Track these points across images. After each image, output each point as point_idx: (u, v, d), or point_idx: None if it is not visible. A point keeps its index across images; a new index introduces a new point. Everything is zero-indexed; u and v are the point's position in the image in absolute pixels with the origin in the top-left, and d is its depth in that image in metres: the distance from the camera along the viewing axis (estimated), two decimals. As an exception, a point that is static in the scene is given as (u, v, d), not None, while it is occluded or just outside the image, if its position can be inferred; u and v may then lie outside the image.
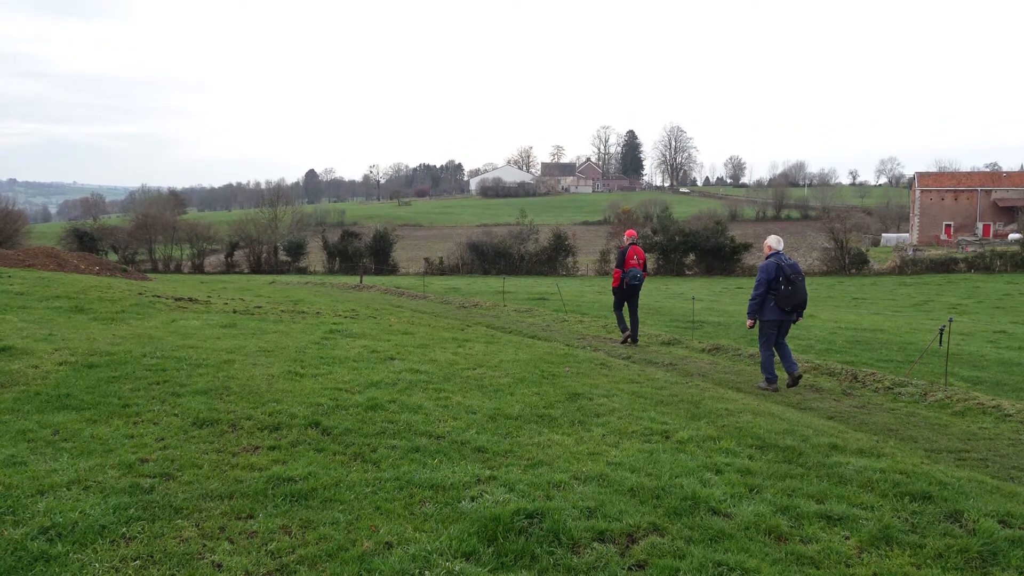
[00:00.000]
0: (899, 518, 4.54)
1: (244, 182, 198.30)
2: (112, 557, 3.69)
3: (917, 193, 73.95)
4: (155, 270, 52.78)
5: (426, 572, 3.67)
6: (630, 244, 12.88)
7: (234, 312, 13.44)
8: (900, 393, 9.34)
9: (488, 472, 5.02)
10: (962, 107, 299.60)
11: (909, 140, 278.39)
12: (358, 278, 35.58)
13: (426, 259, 54.16)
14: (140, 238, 58.41)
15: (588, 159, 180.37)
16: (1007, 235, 64.12)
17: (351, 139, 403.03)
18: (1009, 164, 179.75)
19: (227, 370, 7.77)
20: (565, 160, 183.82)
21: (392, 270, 51.53)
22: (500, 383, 7.99)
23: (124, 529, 3.97)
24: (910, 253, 53.92)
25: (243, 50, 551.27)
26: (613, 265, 17.41)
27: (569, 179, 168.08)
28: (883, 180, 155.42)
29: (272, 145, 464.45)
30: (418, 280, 37.11)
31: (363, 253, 52.30)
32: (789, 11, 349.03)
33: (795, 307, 9.30)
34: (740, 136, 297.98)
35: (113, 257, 52.62)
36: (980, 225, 70.75)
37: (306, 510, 4.32)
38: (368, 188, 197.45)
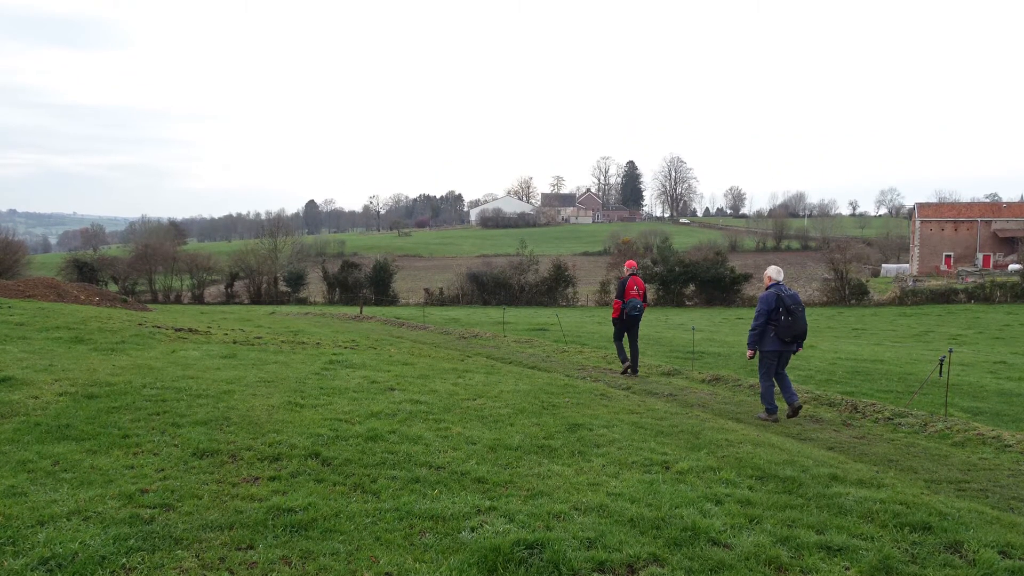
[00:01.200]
0: (899, 549, 4.54)
1: (244, 212, 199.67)
2: (111, 588, 3.68)
3: (917, 224, 74.28)
4: (155, 301, 52.88)
5: (426, 603, 3.66)
6: (630, 275, 12.95)
7: (234, 343, 13.45)
8: (900, 424, 9.33)
9: (488, 503, 5.02)
10: (962, 138, 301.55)
11: (909, 171, 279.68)
12: (358, 309, 35.64)
13: (426, 290, 54.28)
14: (140, 269, 58.64)
15: (588, 190, 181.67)
16: (1007, 265, 64.23)
17: (351, 170, 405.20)
18: (1009, 194, 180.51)
19: (227, 400, 7.77)
20: (565, 191, 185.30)
21: (392, 301, 51.59)
22: (500, 414, 7.99)
23: (124, 560, 3.96)
24: (910, 284, 53.97)
25: (243, 81, 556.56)
26: (613, 296, 17.46)
27: (569, 210, 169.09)
28: (883, 211, 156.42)
29: (272, 176, 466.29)
30: (418, 311, 37.16)
31: (363, 284, 52.40)
32: (790, 43, 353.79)
33: (795, 338, 9.33)
34: (740, 167, 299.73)
35: (113, 288, 52.74)
36: (980, 255, 70.94)
37: (306, 541, 4.31)
38: (368, 219, 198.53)
